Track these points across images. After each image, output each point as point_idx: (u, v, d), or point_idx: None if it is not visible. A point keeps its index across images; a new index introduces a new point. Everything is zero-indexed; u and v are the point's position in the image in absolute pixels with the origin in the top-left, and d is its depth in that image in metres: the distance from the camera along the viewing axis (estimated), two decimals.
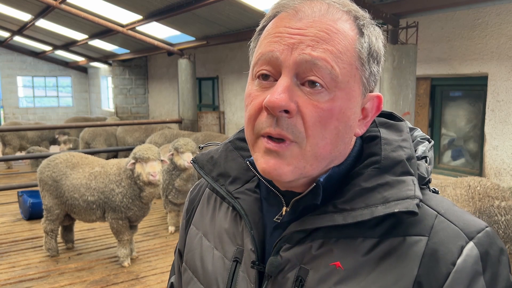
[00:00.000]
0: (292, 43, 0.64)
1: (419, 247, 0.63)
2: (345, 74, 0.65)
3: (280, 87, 0.64)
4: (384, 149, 0.71)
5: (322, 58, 0.63)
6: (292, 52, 0.64)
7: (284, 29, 0.66)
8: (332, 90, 0.65)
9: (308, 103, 0.64)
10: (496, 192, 2.93)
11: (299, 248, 0.69)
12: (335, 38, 0.65)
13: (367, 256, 0.65)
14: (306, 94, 0.65)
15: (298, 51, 0.64)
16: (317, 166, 0.68)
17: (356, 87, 0.67)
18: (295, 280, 0.68)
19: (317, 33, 0.64)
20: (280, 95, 0.63)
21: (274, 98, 0.63)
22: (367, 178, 0.68)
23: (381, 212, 0.63)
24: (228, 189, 0.80)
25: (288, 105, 0.63)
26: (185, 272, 0.88)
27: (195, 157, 0.88)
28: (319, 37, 0.64)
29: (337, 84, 0.65)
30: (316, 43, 0.64)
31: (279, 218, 0.74)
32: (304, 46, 0.64)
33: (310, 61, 0.63)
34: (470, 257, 0.61)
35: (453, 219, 0.66)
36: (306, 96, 0.64)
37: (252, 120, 0.68)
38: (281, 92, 0.63)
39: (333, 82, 0.64)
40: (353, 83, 0.67)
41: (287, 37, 0.65)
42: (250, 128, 0.69)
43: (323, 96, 0.64)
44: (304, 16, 0.66)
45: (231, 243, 0.79)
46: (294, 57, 0.64)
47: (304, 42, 0.64)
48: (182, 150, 4.88)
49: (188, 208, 0.94)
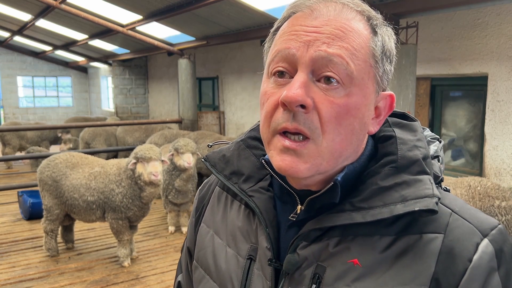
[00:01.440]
0: (308, 40, 0.66)
1: (435, 244, 0.65)
2: (360, 71, 0.66)
3: (297, 83, 0.65)
4: (400, 148, 0.72)
5: (338, 54, 0.65)
6: (308, 49, 0.66)
7: (300, 27, 0.67)
8: (347, 86, 0.66)
9: (324, 99, 0.65)
10: (497, 192, 2.93)
11: (316, 246, 0.70)
12: (350, 36, 0.66)
13: (384, 253, 0.66)
14: (322, 90, 0.66)
15: (314, 48, 0.65)
16: (333, 163, 0.69)
17: (370, 84, 0.69)
18: (312, 277, 0.69)
19: (333, 31, 0.66)
20: (297, 90, 0.64)
21: (291, 93, 0.64)
22: (384, 177, 0.69)
23: (401, 211, 0.64)
24: (242, 187, 0.81)
25: (304, 100, 0.64)
26: (196, 270, 0.88)
27: (207, 155, 0.88)
28: (335, 35, 0.66)
29: (352, 81, 0.66)
30: (332, 40, 0.65)
31: (294, 216, 0.74)
32: (320, 43, 0.65)
33: (326, 57, 0.65)
34: (485, 254, 0.63)
35: (467, 217, 0.67)
36: (322, 92, 0.66)
37: (268, 117, 0.69)
38: (297, 88, 0.64)
39: (348, 78, 0.65)
40: (368, 80, 0.68)
41: (303, 34, 0.67)
42: (267, 125, 0.69)
43: (338, 92, 0.66)
44: (320, 15, 0.67)
45: (244, 241, 0.79)
46: (310, 53, 0.65)
47: (320, 39, 0.65)
48: (182, 151, 4.88)
49: (197, 206, 0.94)
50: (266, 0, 5.80)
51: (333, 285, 0.67)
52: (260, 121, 0.74)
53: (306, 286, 0.69)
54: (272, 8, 5.99)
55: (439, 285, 0.63)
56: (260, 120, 0.72)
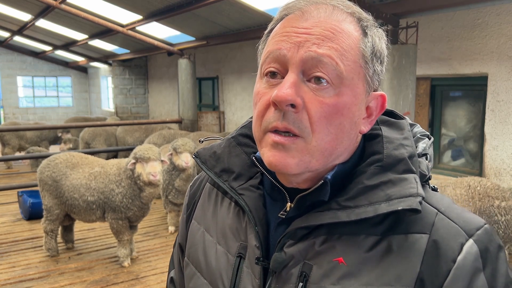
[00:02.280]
0: (299, 41, 0.67)
1: (421, 244, 0.65)
2: (350, 71, 0.67)
3: (287, 83, 0.66)
4: (386, 147, 0.72)
5: (327, 55, 0.66)
6: (298, 50, 0.67)
7: (291, 28, 0.69)
8: (337, 86, 0.67)
9: (314, 99, 0.66)
10: (496, 192, 2.93)
11: (303, 244, 0.70)
12: (340, 37, 0.67)
13: (370, 252, 0.66)
14: (312, 90, 0.67)
15: (304, 49, 0.66)
16: (323, 161, 0.69)
17: (360, 84, 0.69)
18: (300, 276, 0.69)
19: (323, 32, 0.67)
20: (287, 89, 0.65)
21: (281, 93, 0.65)
22: (370, 176, 0.70)
23: (385, 210, 0.64)
24: (232, 185, 0.81)
25: (294, 99, 0.65)
26: (187, 267, 0.89)
27: (197, 151, 0.88)
28: (325, 36, 0.67)
29: (342, 81, 0.67)
30: (322, 41, 0.66)
31: (284, 214, 0.75)
32: (310, 44, 0.66)
33: (315, 57, 0.66)
34: (470, 254, 0.63)
35: (453, 217, 0.67)
36: (312, 92, 0.67)
37: (260, 117, 0.70)
38: (288, 87, 0.65)
39: (338, 78, 0.66)
40: (358, 80, 0.69)
41: (294, 36, 0.68)
42: (258, 124, 0.71)
43: (328, 92, 0.67)
44: (310, 17, 0.69)
45: (234, 239, 0.80)
46: (301, 54, 0.66)
47: (310, 40, 0.67)
48: (180, 150, 4.88)
49: (188, 203, 0.95)
50: (266, 0, 5.80)
51: (319, 283, 0.68)
52: (252, 120, 0.75)
53: (293, 284, 0.70)
54: (272, 8, 5.99)
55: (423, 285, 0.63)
56: (253, 120, 0.73)
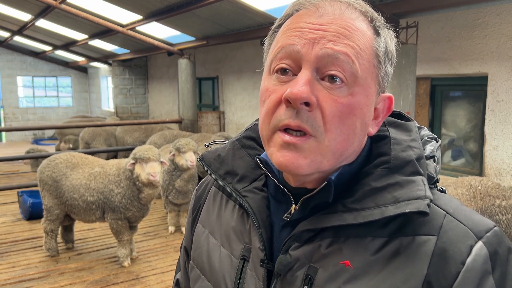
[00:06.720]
0: (314, 37, 0.65)
1: (428, 246, 0.64)
2: (364, 71, 0.66)
3: (302, 80, 0.64)
4: (394, 149, 0.71)
5: (344, 52, 0.64)
6: (313, 47, 0.65)
7: (305, 24, 0.67)
8: (351, 86, 0.65)
9: (328, 97, 0.65)
10: (497, 191, 2.93)
11: (308, 247, 0.69)
12: (355, 35, 0.66)
13: (376, 255, 0.65)
14: (326, 88, 0.65)
15: (320, 46, 0.65)
16: (334, 162, 0.68)
17: (372, 85, 0.68)
18: (304, 278, 0.68)
19: (338, 29, 0.66)
20: (302, 87, 0.63)
21: (297, 90, 0.63)
22: (377, 178, 0.68)
23: (392, 212, 0.63)
24: (236, 187, 0.80)
25: (309, 97, 0.63)
26: (192, 270, 0.89)
27: (202, 154, 0.88)
28: (340, 33, 0.65)
29: (356, 80, 0.66)
30: (338, 38, 0.65)
31: (288, 216, 0.74)
32: (326, 41, 0.65)
33: (332, 55, 0.64)
34: (479, 257, 0.62)
35: (462, 219, 0.66)
36: (326, 90, 0.65)
37: (270, 114, 0.68)
38: (302, 85, 0.64)
39: (352, 77, 0.65)
40: (371, 80, 0.68)
41: (308, 31, 0.66)
42: (267, 122, 0.68)
43: (342, 91, 0.65)
44: (325, 13, 0.67)
45: (238, 241, 0.79)
46: (316, 51, 0.65)
47: (326, 37, 0.65)
48: (184, 150, 4.86)
49: (194, 205, 0.95)
50: (266, 0, 5.80)
51: (324, 286, 0.67)
52: (259, 119, 0.73)
53: (298, 287, 0.69)
54: (272, 8, 5.99)
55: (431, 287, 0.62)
56: (260, 118, 0.71)
